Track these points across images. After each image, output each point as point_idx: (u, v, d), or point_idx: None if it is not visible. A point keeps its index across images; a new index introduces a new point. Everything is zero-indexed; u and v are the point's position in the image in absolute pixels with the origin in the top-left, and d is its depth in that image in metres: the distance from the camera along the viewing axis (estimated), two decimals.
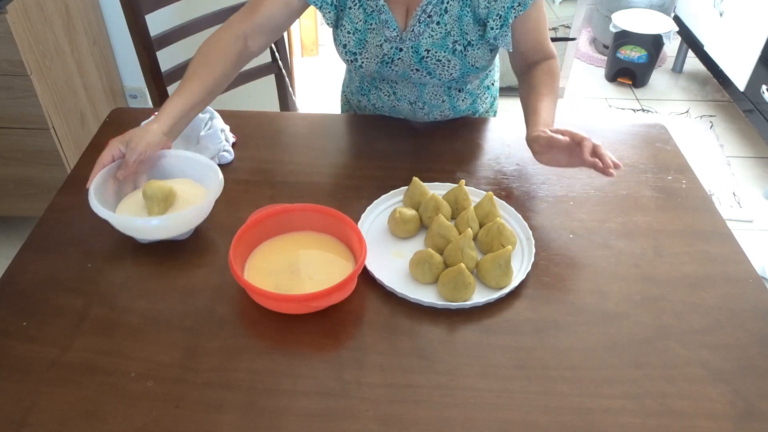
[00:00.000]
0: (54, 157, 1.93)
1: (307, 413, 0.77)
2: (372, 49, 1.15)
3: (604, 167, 0.97)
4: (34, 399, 0.78)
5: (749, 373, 0.83)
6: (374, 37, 1.14)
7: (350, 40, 1.15)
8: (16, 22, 1.69)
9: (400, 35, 1.13)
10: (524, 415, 0.78)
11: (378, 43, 1.14)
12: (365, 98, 1.32)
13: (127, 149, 0.98)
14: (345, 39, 1.16)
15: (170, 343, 0.85)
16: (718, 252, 1.01)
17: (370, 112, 1.34)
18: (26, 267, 0.96)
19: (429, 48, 1.13)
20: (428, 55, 1.13)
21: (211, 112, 1.22)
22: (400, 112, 1.29)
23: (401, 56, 1.15)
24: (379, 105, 1.30)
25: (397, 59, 1.16)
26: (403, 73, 1.18)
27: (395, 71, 1.18)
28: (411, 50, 1.14)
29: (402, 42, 1.13)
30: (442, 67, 1.15)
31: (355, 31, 1.14)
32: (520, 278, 0.93)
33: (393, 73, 1.19)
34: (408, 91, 1.24)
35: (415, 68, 1.16)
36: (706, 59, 2.87)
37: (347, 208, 1.05)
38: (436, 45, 1.12)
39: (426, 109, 1.27)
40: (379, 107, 1.31)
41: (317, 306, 0.87)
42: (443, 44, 1.12)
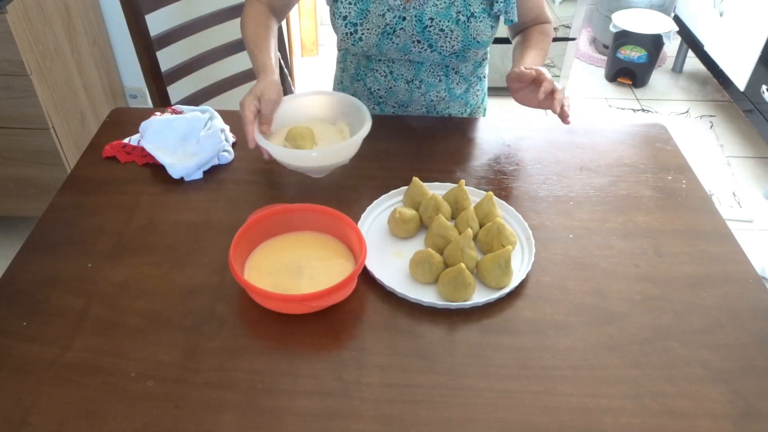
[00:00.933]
0: (54, 157, 1.93)
1: (307, 413, 0.78)
2: (374, 19, 1.16)
3: (561, 114, 1.06)
4: (34, 399, 0.78)
5: (749, 373, 0.83)
6: (377, 6, 1.15)
7: (351, 10, 1.16)
8: (16, 22, 1.69)
9: (404, 4, 1.14)
10: (524, 415, 0.78)
11: (380, 12, 1.15)
12: (360, 84, 1.32)
13: (262, 103, 1.05)
14: (346, 10, 1.17)
15: (170, 343, 0.85)
16: (718, 252, 1.01)
17: (366, 98, 1.34)
18: (26, 267, 0.96)
19: (433, 17, 1.14)
20: (432, 24, 1.14)
21: (211, 112, 1.22)
22: (396, 94, 1.29)
23: (404, 26, 1.16)
24: (375, 88, 1.30)
25: (399, 29, 1.16)
26: (403, 46, 1.18)
27: (395, 44, 1.18)
28: (415, 19, 1.15)
29: (406, 11, 1.14)
30: (444, 38, 1.16)
31: (356, 1, 1.16)
32: (520, 278, 0.93)
33: (393, 46, 1.19)
34: (405, 70, 1.25)
35: (417, 39, 1.17)
36: (706, 59, 2.87)
37: (347, 208, 1.05)
38: (440, 14, 1.14)
39: (423, 88, 1.27)
40: (375, 90, 1.30)
41: (317, 306, 0.87)
42: (447, 14, 1.13)
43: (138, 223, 1.04)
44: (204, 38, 1.57)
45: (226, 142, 1.18)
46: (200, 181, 1.13)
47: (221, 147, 1.16)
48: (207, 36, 1.57)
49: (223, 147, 1.16)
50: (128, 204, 1.07)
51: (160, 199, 1.09)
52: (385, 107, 1.34)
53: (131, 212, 1.06)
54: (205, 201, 1.09)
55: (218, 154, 1.16)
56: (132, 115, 1.29)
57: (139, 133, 1.18)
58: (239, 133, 1.23)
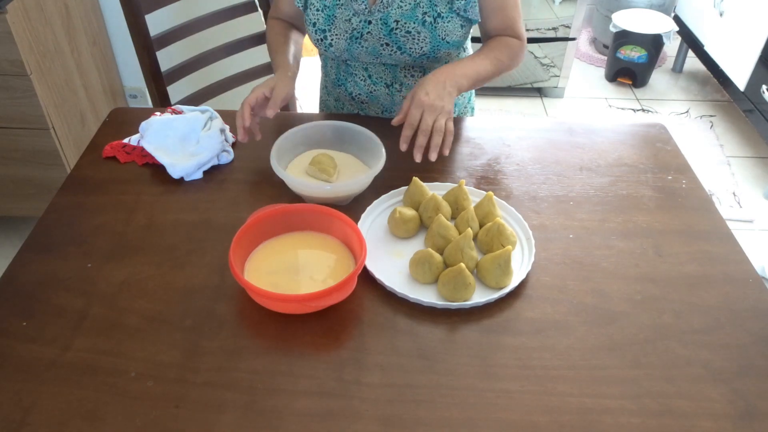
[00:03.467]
0: (54, 157, 1.93)
1: (307, 413, 0.77)
2: (341, 24, 1.16)
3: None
4: (34, 399, 0.78)
5: (749, 373, 0.83)
6: (343, 12, 1.16)
7: (319, 17, 1.17)
8: (16, 22, 1.69)
9: (369, 8, 1.14)
10: (524, 415, 0.78)
11: (346, 17, 1.16)
12: (342, 89, 1.31)
13: (273, 93, 1.12)
14: (314, 17, 1.18)
15: (170, 343, 0.85)
16: (718, 252, 1.01)
17: (348, 103, 1.33)
18: (26, 267, 0.96)
19: (398, 19, 1.13)
20: (398, 26, 1.14)
21: (211, 112, 1.22)
22: (378, 98, 1.29)
23: (370, 30, 1.16)
24: (357, 93, 1.30)
25: (366, 33, 1.16)
26: (372, 49, 1.18)
27: (365, 48, 1.18)
28: (380, 22, 1.14)
29: (371, 14, 1.14)
30: (412, 40, 1.15)
31: (324, 8, 1.17)
32: (520, 278, 0.93)
33: (363, 50, 1.19)
34: (383, 73, 1.25)
35: (385, 42, 1.16)
36: (706, 59, 2.87)
37: (347, 208, 1.05)
38: (405, 16, 1.13)
39: (404, 91, 1.27)
40: (356, 95, 1.30)
41: (317, 306, 0.87)
42: (412, 15, 1.13)
43: (138, 223, 1.04)
44: (204, 38, 1.57)
45: (226, 142, 1.18)
46: (200, 181, 1.13)
47: (221, 147, 1.16)
48: (207, 36, 1.57)
49: (223, 147, 1.16)
50: (128, 204, 1.07)
51: (160, 199, 1.09)
52: (369, 112, 1.34)
53: (131, 212, 1.06)
54: (205, 201, 1.09)
55: (218, 154, 1.16)
56: (132, 115, 1.29)
57: (139, 133, 1.18)
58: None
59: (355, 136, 1.14)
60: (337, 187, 1.05)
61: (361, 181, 1.04)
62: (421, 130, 1.02)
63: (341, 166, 1.13)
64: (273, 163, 1.05)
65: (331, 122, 1.16)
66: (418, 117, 1.02)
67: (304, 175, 1.11)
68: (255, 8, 1.59)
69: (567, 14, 2.77)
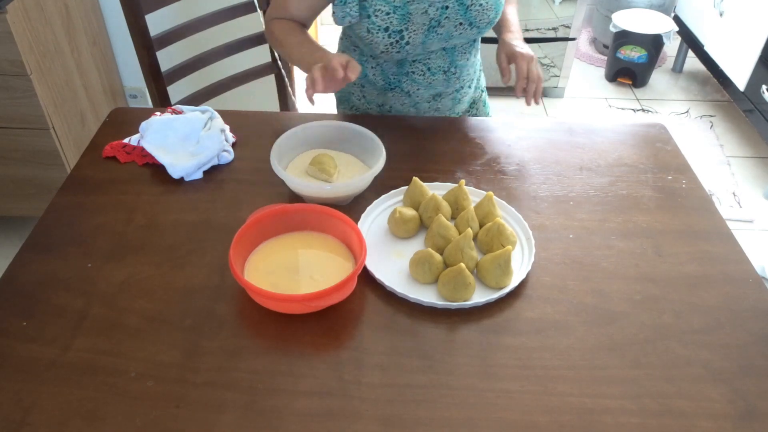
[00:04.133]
0: (54, 157, 1.93)
1: (307, 413, 0.78)
2: (417, 19, 1.15)
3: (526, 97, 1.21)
4: (34, 399, 0.78)
5: (749, 373, 0.83)
6: (417, 6, 1.14)
7: (392, 20, 1.14)
8: (16, 22, 1.69)
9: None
10: (524, 415, 0.78)
11: (422, 10, 1.15)
12: (395, 92, 1.30)
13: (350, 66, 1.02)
14: (384, 22, 1.14)
15: (170, 343, 0.85)
16: (718, 252, 1.01)
17: (399, 103, 1.32)
18: (26, 267, 0.96)
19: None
20: (472, 2, 1.16)
21: (211, 112, 1.22)
22: (435, 87, 1.29)
23: (447, 14, 1.16)
24: (414, 89, 1.29)
25: (444, 19, 1.17)
26: (446, 34, 1.19)
27: (440, 35, 1.19)
28: (457, 4, 1.16)
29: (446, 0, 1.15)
30: (483, 12, 1.19)
31: (394, 9, 1.13)
32: (520, 278, 0.93)
33: (437, 37, 1.19)
34: (440, 61, 1.26)
35: (460, 22, 1.18)
36: (706, 59, 2.87)
37: (347, 208, 1.05)
38: None
39: (457, 72, 1.29)
40: (414, 92, 1.29)
41: (317, 306, 0.87)
42: None
43: (138, 223, 1.04)
44: (204, 38, 1.57)
45: (226, 142, 1.18)
46: (200, 181, 1.13)
47: (221, 147, 1.16)
48: (207, 36, 1.57)
49: (223, 147, 1.16)
50: (128, 204, 1.07)
51: (160, 199, 1.09)
52: (420, 105, 1.32)
53: (131, 212, 1.06)
54: (205, 201, 1.09)
55: (218, 154, 1.16)
56: (132, 115, 1.29)
57: (139, 133, 1.18)
58: (239, 133, 1.23)
59: (354, 136, 1.14)
60: (337, 187, 1.05)
61: (362, 180, 1.04)
62: (531, 79, 1.19)
63: (341, 166, 1.13)
64: (273, 163, 1.05)
65: (330, 122, 1.16)
66: (526, 68, 1.19)
67: (305, 175, 1.11)
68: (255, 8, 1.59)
69: (567, 14, 2.77)
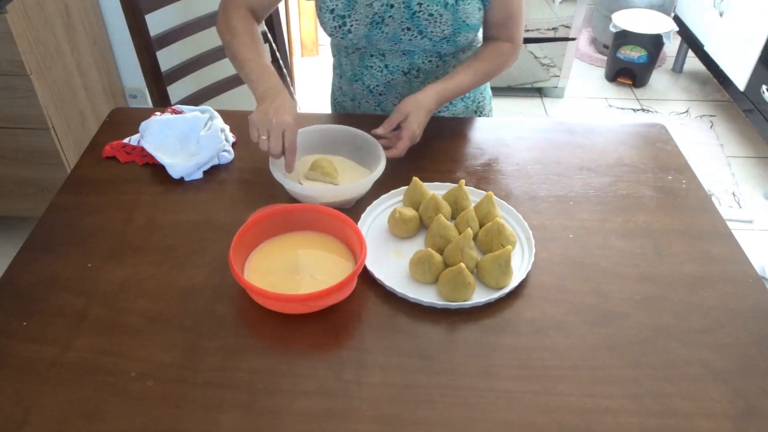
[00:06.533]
0: (54, 157, 1.93)
1: (307, 413, 0.78)
2: (361, 9, 1.15)
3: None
4: (34, 399, 0.78)
5: (749, 373, 0.83)
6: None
7: (338, 2, 1.15)
8: (16, 22, 1.69)
9: None
10: (524, 415, 0.78)
11: (368, 2, 1.14)
12: (359, 84, 1.30)
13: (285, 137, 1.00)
14: (332, 3, 1.15)
15: (170, 343, 0.85)
16: (718, 252, 1.01)
17: (366, 98, 1.33)
18: (26, 267, 0.96)
19: (421, 2, 1.12)
20: (420, 9, 1.13)
21: (211, 112, 1.22)
22: (396, 87, 1.28)
23: (392, 14, 1.15)
24: (375, 85, 1.29)
25: (388, 17, 1.15)
26: (392, 34, 1.17)
27: (385, 33, 1.17)
28: (403, 5, 1.13)
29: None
30: (434, 23, 1.14)
31: None
32: (520, 278, 0.93)
33: (383, 36, 1.18)
34: (399, 61, 1.24)
35: (407, 26, 1.16)
36: (706, 59, 2.87)
37: (347, 208, 1.05)
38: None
39: (421, 77, 1.26)
40: (374, 87, 1.29)
41: (317, 306, 0.87)
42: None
43: (138, 223, 1.04)
44: (204, 38, 1.57)
45: (226, 142, 1.18)
46: (200, 181, 1.13)
47: (221, 147, 1.16)
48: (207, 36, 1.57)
49: (223, 147, 1.16)
50: (128, 204, 1.07)
51: (160, 199, 1.09)
52: (386, 105, 1.33)
53: (131, 212, 1.06)
54: (205, 201, 1.09)
55: (218, 154, 1.16)
56: (132, 115, 1.29)
57: (139, 133, 1.18)
58: (239, 133, 1.23)
59: (350, 139, 1.13)
60: (342, 191, 1.05)
61: (366, 183, 1.04)
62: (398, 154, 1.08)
63: (340, 171, 1.12)
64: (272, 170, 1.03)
65: (325, 126, 1.15)
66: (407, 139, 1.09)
67: (305, 180, 1.10)
68: None
69: (567, 14, 2.77)
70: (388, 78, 1.27)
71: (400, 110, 1.10)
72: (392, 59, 1.24)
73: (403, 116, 1.09)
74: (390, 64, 1.25)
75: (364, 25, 1.16)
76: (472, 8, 1.15)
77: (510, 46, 1.23)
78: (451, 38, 1.17)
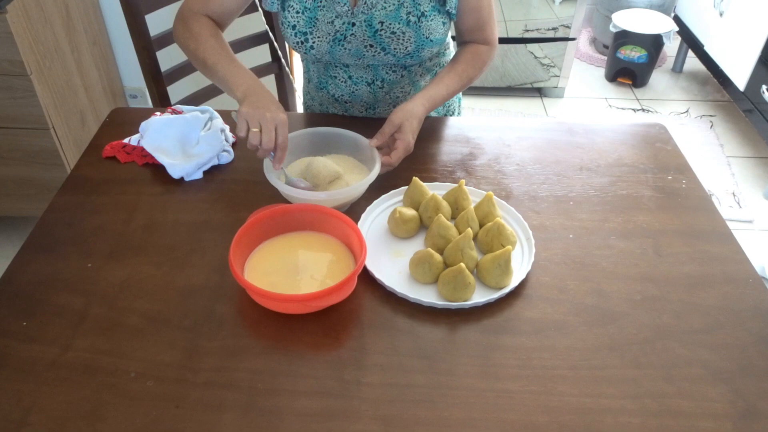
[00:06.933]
0: (54, 157, 1.93)
1: (307, 413, 0.78)
2: (323, 26, 1.14)
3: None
4: (34, 399, 0.78)
5: (749, 373, 0.83)
6: (325, 14, 1.13)
7: (299, 19, 1.14)
8: (16, 22, 1.69)
9: (352, 9, 1.12)
10: (524, 415, 0.78)
11: (329, 20, 1.13)
12: (324, 92, 1.30)
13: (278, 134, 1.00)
14: (294, 19, 1.14)
15: (170, 343, 0.85)
16: (718, 252, 1.01)
17: (332, 105, 1.33)
18: (26, 267, 0.96)
19: (383, 20, 1.12)
20: (382, 27, 1.12)
21: (211, 112, 1.22)
22: (361, 98, 1.28)
23: (354, 32, 1.14)
24: (339, 95, 1.29)
25: (350, 35, 1.15)
26: (356, 51, 1.17)
27: (348, 50, 1.17)
28: (364, 24, 1.13)
29: (354, 16, 1.13)
30: (397, 41, 1.14)
31: (304, 9, 1.13)
32: (520, 278, 0.93)
33: (346, 52, 1.17)
34: (363, 72, 1.23)
35: (369, 44, 1.15)
36: (706, 59, 2.87)
37: (347, 208, 1.05)
38: (389, 17, 1.12)
39: (386, 87, 1.26)
40: (339, 96, 1.29)
41: (317, 306, 0.87)
42: (397, 16, 1.11)
43: (138, 223, 1.04)
44: None
45: (226, 142, 1.18)
46: (200, 181, 1.13)
47: (221, 147, 1.16)
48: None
49: (223, 147, 1.16)
50: (128, 204, 1.07)
51: (160, 199, 1.09)
52: (353, 112, 1.33)
53: (131, 212, 1.06)
54: (205, 201, 1.09)
55: (218, 154, 1.16)
56: (132, 115, 1.29)
57: (139, 133, 1.18)
58: None
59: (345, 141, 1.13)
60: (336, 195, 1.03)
61: (360, 186, 1.02)
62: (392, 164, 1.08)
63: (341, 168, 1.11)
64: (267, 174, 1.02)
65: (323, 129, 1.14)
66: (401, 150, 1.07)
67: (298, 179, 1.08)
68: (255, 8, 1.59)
69: (567, 14, 2.77)
70: (352, 88, 1.27)
71: (392, 121, 1.08)
72: (356, 71, 1.24)
73: (395, 127, 1.08)
74: (354, 75, 1.25)
75: (326, 42, 1.16)
76: (435, 24, 1.14)
77: (487, 48, 1.23)
78: (414, 54, 1.17)
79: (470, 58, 1.21)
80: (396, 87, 1.26)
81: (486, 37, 1.22)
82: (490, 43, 1.23)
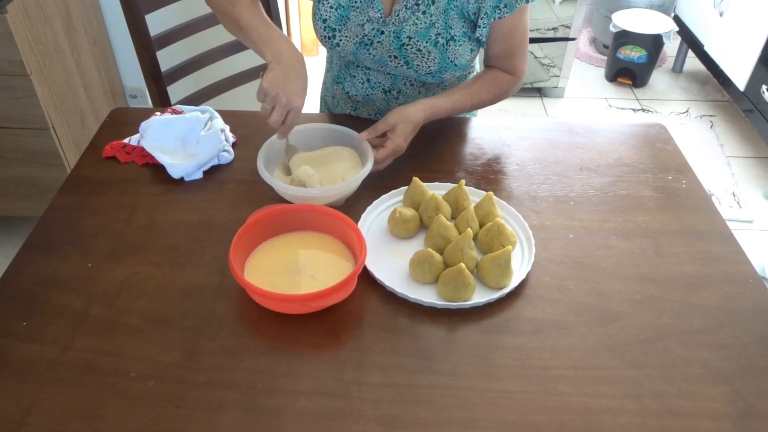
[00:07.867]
0: (54, 157, 1.93)
1: (307, 413, 0.78)
2: (353, 27, 1.14)
3: None
4: (34, 399, 0.78)
5: (749, 373, 0.83)
6: (357, 15, 1.13)
7: (331, 15, 1.15)
8: (16, 22, 1.69)
9: (384, 18, 1.12)
10: (524, 415, 0.78)
11: (360, 22, 1.14)
12: (339, 87, 1.30)
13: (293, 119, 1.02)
14: (326, 13, 1.15)
15: (170, 343, 0.85)
16: (718, 252, 1.01)
17: (344, 101, 1.33)
18: (26, 267, 0.96)
19: (411, 36, 1.12)
20: (409, 42, 1.12)
21: (211, 112, 1.22)
22: (374, 102, 1.28)
23: (381, 40, 1.14)
24: (353, 93, 1.29)
25: (377, 42, 1.15)
26: (380, 58, 1.17)
27: (372, 55, 1.17)
28: (392, 35, 1.13)
29: (385, 25, 1.13)
30: (421, 58, 1.14)
31: (338, 6, 1.14)
32: (520, 278, 0.93)
33: (370, 57, 1.17)
34: (382, 79, 1.23)
35: (394, 55, 1.15)
36: (706, 59, 2.87)
37: (347, 208, 1.05)
38: (418, 34, 1.11)
39: (401, 99, 1.26)
40: (353, 95, 1.29)
41: (317, 306, 0.87)
42: (426, 34, 1.11)
43: (138, 223, 1.04)
44: (204, 38, 1.57)
45: (226, 142, 1.18)
46: (200, 181, 1.13)
47: (221, 147, 1.16)
48: (207, 36, 1.57)
49: (223, 147, 1.16)
50: (128, 204, 1.07)
51: (160, 199, 1.09)
52: (361, 113, 1.33)
53: (131, 212, 1.06)
54: (205, 201, 1.09)
55: (218, 154, 1.16)
56: (132, 115, 1.29)
57: (139, 133, 1.18)
58: (239, 133, 1.23)
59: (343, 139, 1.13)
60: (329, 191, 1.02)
61: (354, 182, 1.02)
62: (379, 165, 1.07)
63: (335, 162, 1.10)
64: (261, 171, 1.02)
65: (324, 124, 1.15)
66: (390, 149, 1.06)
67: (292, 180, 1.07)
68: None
69: (567, 14, 2.77)
70: (368, 91, 1.27)
71: (387, 120, 1.08)
72: (375, 76, 1.24)
73: (389, 127, 1.08)
74: (372, 79, 1.24)
75: (352, 42, 1.16)
76: (463, 50, 1.13)
77: (511, 78, 1.20)
78: (436, 73, 1.16)
79: (488, 82, 1.19)
80: (410, 100, 1.24)
81: (513, 66, 1.19)
82: (516, 74, 1.20)
